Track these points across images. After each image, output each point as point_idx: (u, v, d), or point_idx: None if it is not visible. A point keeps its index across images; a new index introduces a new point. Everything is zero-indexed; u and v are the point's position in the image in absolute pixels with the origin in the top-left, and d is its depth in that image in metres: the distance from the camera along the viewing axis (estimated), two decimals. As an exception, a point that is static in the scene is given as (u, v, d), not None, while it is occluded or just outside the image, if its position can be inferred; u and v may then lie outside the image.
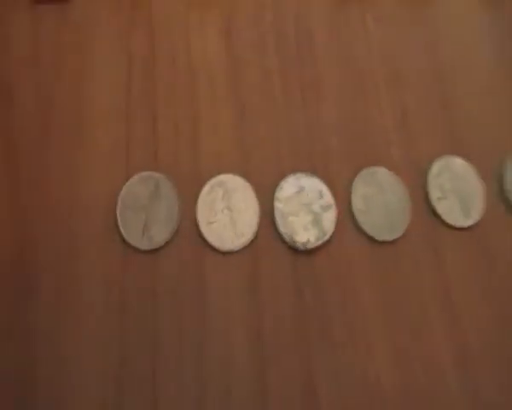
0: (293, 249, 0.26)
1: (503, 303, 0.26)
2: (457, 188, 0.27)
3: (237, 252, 0.25)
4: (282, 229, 0.25)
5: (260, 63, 0.29)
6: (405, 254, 0.26)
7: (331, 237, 0.26)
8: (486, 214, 0.27)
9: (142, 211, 0.25)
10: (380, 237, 0.26)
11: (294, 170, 0.27)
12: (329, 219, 0.26)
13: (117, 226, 0.25)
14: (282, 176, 0.27)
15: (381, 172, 0.27)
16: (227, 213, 0.25)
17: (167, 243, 0.25)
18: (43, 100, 0.27)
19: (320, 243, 0.25)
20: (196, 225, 0.25)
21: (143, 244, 0.25)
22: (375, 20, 0.31)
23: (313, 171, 0.27)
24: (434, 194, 0.27)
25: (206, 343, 0.24)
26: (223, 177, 0.26)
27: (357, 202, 0.26)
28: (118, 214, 0.25)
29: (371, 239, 0.26)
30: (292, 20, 0.30)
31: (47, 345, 0.23)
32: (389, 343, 0.25)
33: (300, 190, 0.26)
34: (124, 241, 0.25)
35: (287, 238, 0.25)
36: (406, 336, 0.25)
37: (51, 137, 0.27)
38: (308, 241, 0.25)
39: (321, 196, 0.26)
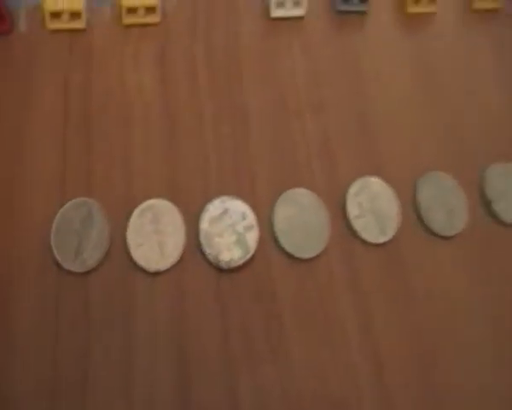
0: (218, 269, 0.27)
1: (417, 314, 0.28)
2: (374, 206, 0.29)
3: (164, 273, 0.27)
4: (207, 249, 0.27)
5: (191, 92, 0.31)
6: (324, 271, 0.28)
7: (253, 255, 0.27)
8: (401, 231, 0.29)
9: (75, 235, 0.27)
10: (300, 254, 0.28)
11: (220, 193, 0.28)
12: (252, 239, 0.27)
13: (51, 250, 0.26)
14: (208, 199, 0.28)
15: (302, 194, 0.29)
16: (155, 236, 0.27)
17: (99, 266, 0.27)
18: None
19: (242, 261, 0.27)
20: (126, 248, 0.27)
21: (76, 267, 0.26)
22: (301, 48, 0.33)
23: (238, 194, 0.28)
24: (352, 212, 0.29)
25: (134, 364, 0.25)
26: (152, 201, 0.28)
27: (279, 223, 0.28)
28: (52, 238, 0.26)
29: (291, 257, 0.28)
30: (221, 50, 0.32)
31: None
32: (309, 356, 0.26)
33: (225, 212, 0.28)
34: (58, 264, 0.26)
35: (211, 258, 0.27)
36: (325, 349, 0.26)
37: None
38: (231, 260, 0.27)
39: (244, 217, 0.28)
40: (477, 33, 0.36)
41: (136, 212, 0.27)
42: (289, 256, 0.28)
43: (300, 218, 0.28)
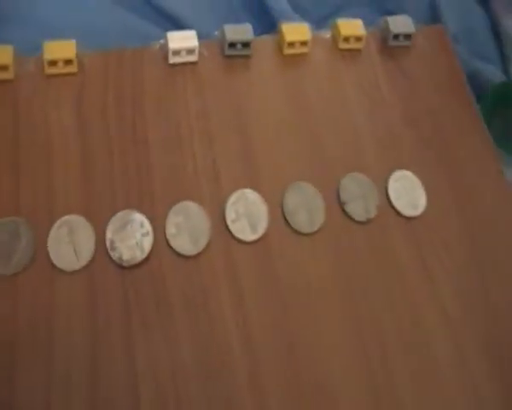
0: (121, 267, 0.34)
1: (282, 301, 0.35)
2: (248, 212, 0.36)
3: (79, 272, 0.33)
4: (112, 252, 0.34)
5: (103, 128, 0.38)
6: (206, 266, 0.35)
7: (148, 255, 0.34)
8: (269, 230, 0.36)
9: (5, 245, 0.33)
10: (186, 253, 0.34)
11: (124, 207, 0.35)
12: (148, 243, 0.34)
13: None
14: (113, 212, 0.35)
15: (189, 205, 0.36)
16: (71, 244, 0.34)
17: (25, 269, 0.33)
18: None
19: (139, 260, 0.34)
20: (48, 254, 0.34)
21: (6, 271, 0.33)
22: (195, 89, 0.40)
23: (138, 207, 0.35)
24: (230, 217, 0.36)
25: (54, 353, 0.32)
26: (68, 217, 0.34)
27: (170, 228, 0.35)
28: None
29: (180, 255, 0.35)
30: (128, 93, 0.39)
31: None
32: (193, 332, 0.33)
33: (127, 222, 0.35)
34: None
35: (116, 259, 0.34)
36: (206, 326, 0.33)
37: None
38: (131, 258, 0.34)
39: (142, 225, 0.35)
40: (342, 69, 0.43)
41: (56, 225, 0.34)
42: (178, 254, 0.35)
43: (187, 224, 0.35)
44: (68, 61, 0.39)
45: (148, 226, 0.35)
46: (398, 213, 0.39)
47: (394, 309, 0.36)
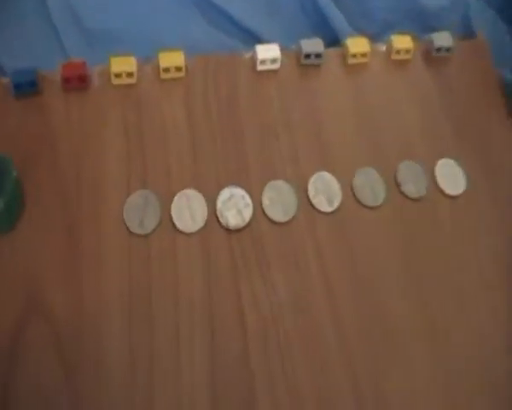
0: (228, 230, 0.42)
1: (355, 258, 0.43)
2: (325, 189, 0.44)
3: (195, 234, 0.42)
4: (221, 219, 0.42)
5: (207, 122, 0.46)
6: (294, 231, 0.43)
7: (249, 222, 0.42)
8: (342, 204, 0.44)
9: (139, 212, 0.42)
10: (279, 220, 0.43)
11: (228, 183, 0.44)
12: (249, 212, 0.43)
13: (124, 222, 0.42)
14: (220, 187, 0.43)
15: (279, 183, 0.44)
16: (188, 211, 0.42)
17: (154, 231, 0.42)
18: None
19: (242, 225, 0.42)
20: (172, 219, 0.42)
21: (142, 231, 0.41)
22: (277, 91, 0.49)
23: (239, 184, 0.44)
24: (311, 193, 0.44)
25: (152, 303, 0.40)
26: (185, 191, 0.43)
27: (265, 201, 0.43)
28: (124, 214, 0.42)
29: (274, 222, 0.43)
30: (226, 95, 0.48)
31: None
32: (285, 284, 0.41)
33: (231, 196, 0.43)
34: (128, 230, 0.42)
35: (224, 224, 0.42)
36: (295, 281, 0.41)
37: None
38: (236, 224, 0.42)
39: (243, 198, 0.43)
40: (395, 75, 0.52)
41: (176, 197, 0.43)
42: (272, 222, 0.43)
43: (279, 197, 0.44)
44: (178, 68, 0.47)
45: (248, 199, 0.43)
46: (443, 192, 0.47)
47: (445, 265, 0.44)
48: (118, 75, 0.46)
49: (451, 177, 0.48)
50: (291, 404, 0.38)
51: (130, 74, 0.46)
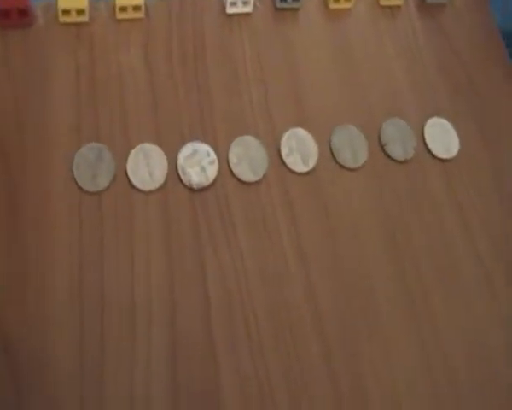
0: (191, 189, 0.45)
1: (330, 223, 0.46)
2: (300, 147, 0.48)
3: (154, 192, 0.45)
4: (183, 176, 0.45)
5: (168, 69, 0.49)
6: (264, 193, 0.46)
7: (214, 180, 0.46)
8: (318, 164, 0.48)
9: (91, 167, 0.45)
10: (247, 180, 0.46)
11: (192, 139, 0.47)
12: (214, 169, 0.46)
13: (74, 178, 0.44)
14: (183, 142, 0.46)
15: (248, 138, 0.47)
16: (147, 168, 0.45)
17: (108, 188, 0.45)
18: None
19: (206, 184, 0.45)
20: (128, 176, 0.45)
21: (93, 188, 0.44)
22: (249, 37, 0.51)
23: (203, 139, 0.47)
24: (284, 151, 0.47)
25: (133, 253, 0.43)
26: (143, 145, 0.46)
27: (233, 158, 0.46)
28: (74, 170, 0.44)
29: (241, 181, 0.46)
30: (190, 39, 0.50)
31: None
32: (254, 246, 0.45)
33: (195, 151, 0.46)
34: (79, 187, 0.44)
35: (186, 182, 0.45)
36: (265, 242, 0.45)
37: None
38: (199, 182, 0.45)
39: (208, 154, 0.46)
40: (382, 23, 0.55)
41: (133, 152, 0.46)
42: (240, 181, 0.46)
43: (247, 155, 0.47)
44: (137, 7, 0.50)
45: (213, 155, 0.46)
46: (433, 155, 0.50)
47: (428, 236, 0.47)
48: (66, 12, 0.48)
49: (443, 138, 0.51)
50: (257, 380, 0.41)
51: (80, 11, 0.48)
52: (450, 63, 0.54)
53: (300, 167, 0.47)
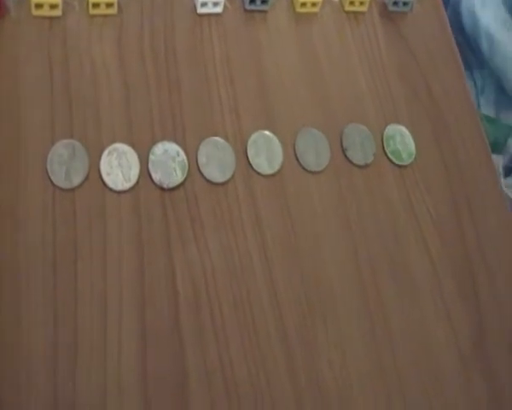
0: (162, 189, 0.49)
1: (293, 223, 0.51)
2: (266, 149, 0.52)
3: (127, 192, 0.49)
4: (154, 175, 0.49)
5: (141, 69, 0.52)
6: (231, 193, 0.50)
7: (183, 180, 0.50)
8: (283, 167, 0.52)
9: (65, 163, 0.48)
10: (215, 180, 0.50)
11: (162, 137, 0.50)
12: (183, 169, 0.50)
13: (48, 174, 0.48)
14: (154, 142, 0.50)
15: (217, 140, 0.51)
16: (120, 167, 0.49)
17: (81, 185, 0.48)
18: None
19: (176, 183, 0.49)
20: (101, 175, 0.48)
21: (66, 185, 0.48)
22: (219, 37, 0.55)
23: (173, 139, 0.51)
24: (250, 153, 0.52)
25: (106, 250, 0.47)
26: (116, 145, 0.49)
27: (202, 158, 0.50)
28: (48, 166, 0.48)
29: (210, 182, 0.50)
30: (161, 39, 0.54)
31: None
32: (220, 247, 0.49)
33: (165, 151, 0.50)
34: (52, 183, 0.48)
35: (157, 182, 0.49)
36: (230, 245, 0.49)
37: None
38: (169, 182, 0.49)
39: (178, 154, 0.50)
40: (347, 28, 0.59)
41: (106, 152, 0.49)
42: (208, 181, 0.50)
43: (216, 155, 0.51)
44: (109, 4, 0.53)
45: (183, 155, 0.50)
46: (391, 161, 0.56)
47: (383, 236, 0.53)
48: (39, 5, 0.51)
49: (400, 144, 0.57)
50: (222, 372, 0.46)
51: (53, 6, 0.51)
52: (409, 69, 0.59)
53: (266, 169, 0.51)
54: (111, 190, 0.48)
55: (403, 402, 0.48)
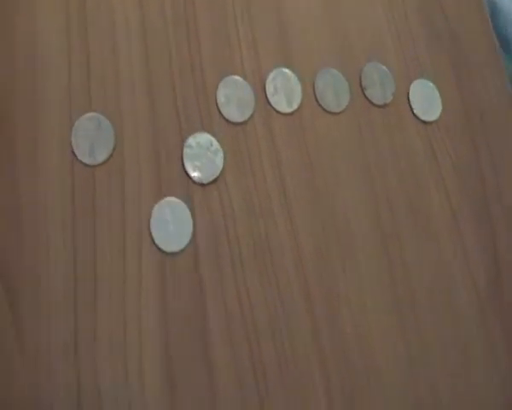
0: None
1: (312, 163, 0.52)
2: (285, 87, 0.52)
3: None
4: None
5: (160, 10, 0.52)
6: (250, 132, 0.51)
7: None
8: (302, 106, 0.53)
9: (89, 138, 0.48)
10: (235, 120, 0.50)
11: (182, 83, 0.50)
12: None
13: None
14: (173, 88, 0.50)
15: (236, 79, 0.51)
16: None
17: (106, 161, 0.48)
18: None
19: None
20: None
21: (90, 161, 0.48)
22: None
23: (190, 79, 0.51)
24: (269, 91, 0.52)
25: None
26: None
27: (220, 98, 0.51)
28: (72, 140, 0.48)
29: (229, 122, 0.51)
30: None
31: None
32: (239, 186, 0.50)
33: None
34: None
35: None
36: (250, 184, 0.50)
37: None
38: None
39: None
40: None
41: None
42: (227, 121, 0.50)
43: (235, 95, 0.51)
44: None
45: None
46: (412, 109, 0.56)
47: (402, 177, 0.53)
48: None
49: (425, 99, 0.56)
50: (242, 315, 0.47)
51: None
52: (430, 6, 0.59)
53: (284, 108, 0.51)
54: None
55: (418, 337, 0.50)
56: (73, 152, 0.46)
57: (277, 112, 0.51)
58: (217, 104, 0.50)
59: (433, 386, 0.49)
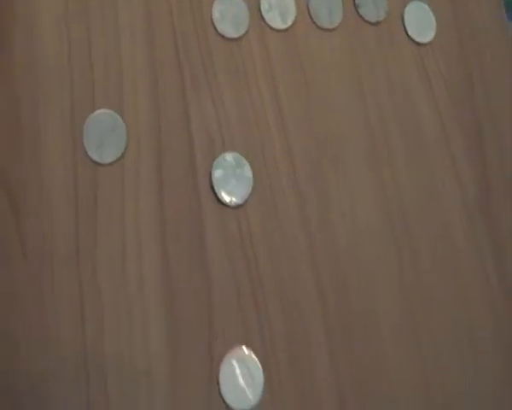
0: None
1: (307, 80, 0.53)
2: (279, 4, 0.53)
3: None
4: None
5: None
6: (245, 49, 0.52)
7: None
8: (296, 23, 0.54)
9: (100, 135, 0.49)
10: (229, 36, 0.52)
11: (175, -7, 0.51)
12: (198, 24, 0.51)
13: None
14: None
15: (231, -6, 0.52)
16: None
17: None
18: None
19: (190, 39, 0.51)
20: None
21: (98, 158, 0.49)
22: None
23: (187, -7, 0.52)
24: (263, 7, 0.53)
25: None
26: None
27: (215, 13, 0.52)
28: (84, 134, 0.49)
29: (224, 37, 0.52)
30: None
31: None
32: (234, 100, 0.51)
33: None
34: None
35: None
36: (244, 104, 0.51)
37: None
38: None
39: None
40: None
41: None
42: (222, 37, 0.52)
43: (230, 11, 0.52)
44: None
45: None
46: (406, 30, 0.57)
47: (394, 94, 0.55)
48: None
49: (420, 21, 0.58)
50: (247, 262, 0.48)
51: None
52: None
53: (279, 24, 0.52)
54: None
55: (411, 249, 0.52)
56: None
57: (271, 28, 0.52)
58: (212, 20, 0.51)
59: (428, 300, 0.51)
